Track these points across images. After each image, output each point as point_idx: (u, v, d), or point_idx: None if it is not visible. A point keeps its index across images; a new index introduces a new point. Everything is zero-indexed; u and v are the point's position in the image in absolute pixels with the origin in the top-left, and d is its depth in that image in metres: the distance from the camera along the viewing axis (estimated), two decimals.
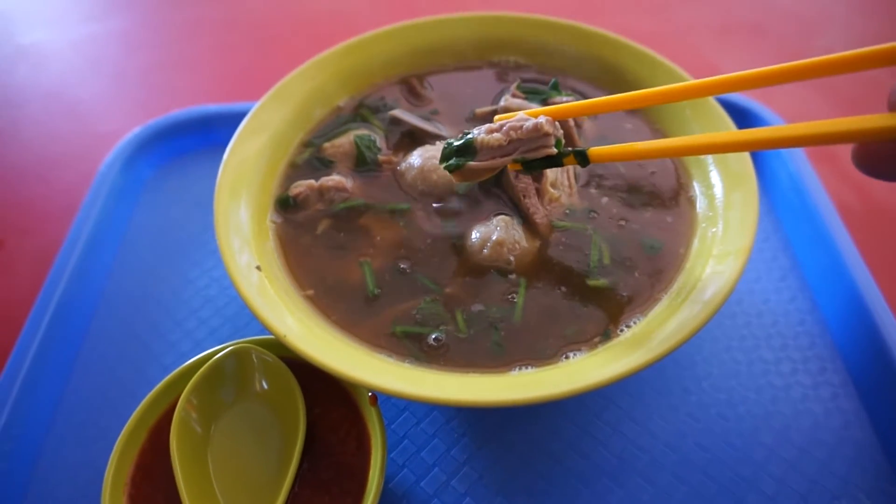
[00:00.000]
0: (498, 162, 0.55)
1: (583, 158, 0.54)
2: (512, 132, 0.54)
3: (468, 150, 0.55)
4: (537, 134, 0.53)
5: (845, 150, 0.90)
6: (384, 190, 0.63)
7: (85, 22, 1.19)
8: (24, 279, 0.74)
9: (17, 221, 0.84)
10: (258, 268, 0.54)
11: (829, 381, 0.61)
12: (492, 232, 0.57)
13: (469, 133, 0.56)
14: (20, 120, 1.00)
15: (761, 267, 0.71)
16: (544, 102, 0.69)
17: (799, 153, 0.77)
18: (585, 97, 0.71)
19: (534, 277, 0.55)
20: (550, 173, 0.60)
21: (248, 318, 0.68)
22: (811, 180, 0.74)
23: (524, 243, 0.56)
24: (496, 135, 0.55)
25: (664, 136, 0.67)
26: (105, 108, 1.01)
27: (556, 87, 0.71)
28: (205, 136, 0.85)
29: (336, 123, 0.70)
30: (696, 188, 0.61)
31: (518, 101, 0.69)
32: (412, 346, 0.51)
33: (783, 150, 0.78)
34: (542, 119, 0.54)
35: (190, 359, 0.55)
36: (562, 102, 0.68)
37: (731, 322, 0.66)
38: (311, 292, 0.55)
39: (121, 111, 1.00)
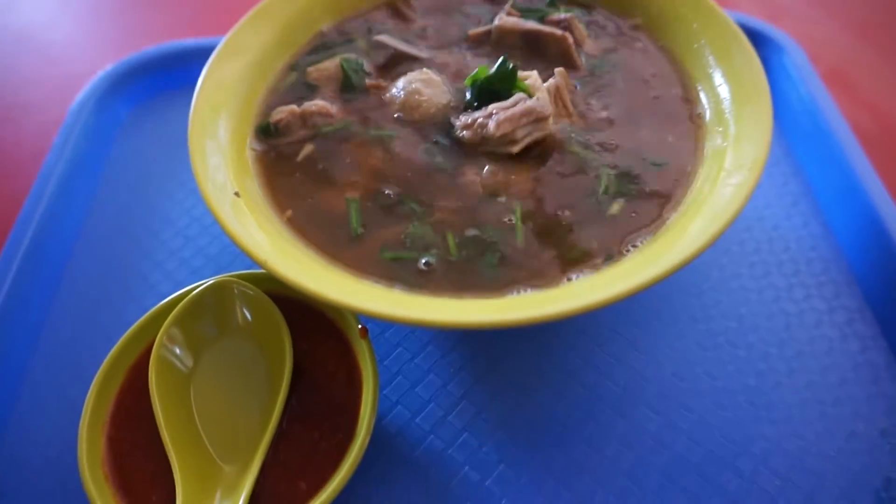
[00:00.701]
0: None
1: None
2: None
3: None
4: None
5: (858, 72, 0.85)
6: (371, 116, 0.58)
7: None
8: None
9: None
10: (237, 194, 0.50)
11: (844, 306, 0.58)
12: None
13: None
14: None
15: (771, 193, 0.67)
16: (541, 20, 0.64)
17: (811, 75, 0.73)
18: (587, 10, 0.67)
19: (531, 199, 0.51)
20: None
21: (231, 257, 0.65)
22: (825, 102, 0.70)
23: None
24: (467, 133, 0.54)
25: (670, 53, 0.63)
26: (78, 48, 0.96)
27: (553, 4, 0.66)
28: (182, 72, 0.80)
29: (322, 47, 0.65)
30: (704, 101, 0.57)
31: (513, 20, 0.64)
32: (402, 271, 0.47)
33: (794, 73, 0.74)
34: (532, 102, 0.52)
35: None
36: (561, 19, 0.64)
37: (739, 249, 0.63)
38: (290, 213, 0.51)
39: (94, 51, 0.95)
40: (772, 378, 0.54)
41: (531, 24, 0.63)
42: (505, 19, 0.64)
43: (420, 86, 0.58)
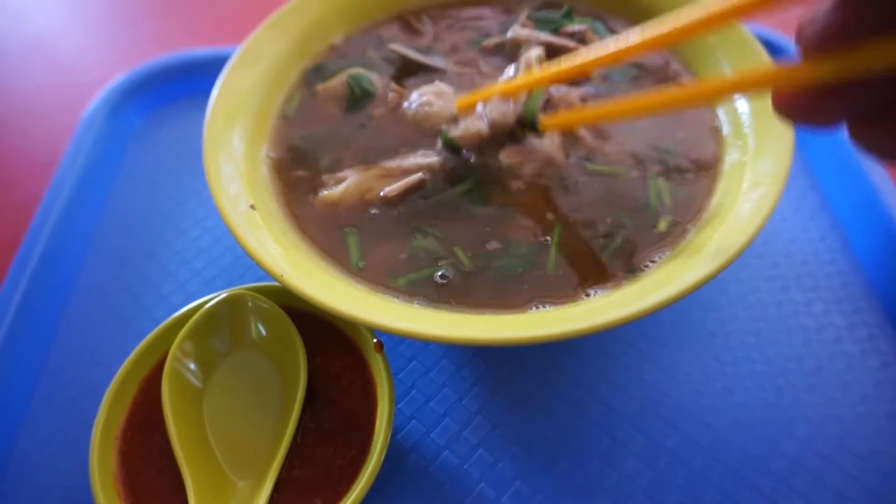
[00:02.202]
0: None
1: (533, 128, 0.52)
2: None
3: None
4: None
5: None
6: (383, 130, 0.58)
7: None
8: (5, 234, 0.70)
9: None
10: (252, 206, 0.50)
11: (864, 321, 0.57)
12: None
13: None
14: (0, 72, 0.95)
15: (788, 206, 0.67)
16: (556, 32, 0.64)
17: None
18: (601, 24, 0.66)
19: (558, 217, 0.51)
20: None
21: (243, 268, 0.64)
22: None
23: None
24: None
25: (685, 65, 0.62)
26: (89, 57, 0.96)
27: (569, 15, 0.65)
28: (195, 81, 0.80)
29: (333, 59, 0.65)
30: (721, 115, 0.56)
31: (527, 32, 0.64)
32: (420, 288, 0.47)
33: None
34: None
35: None
36: (575, 31, 0.64)
37: (757, 263, 0.62)
38: (318, 230, 0.51)
39: (106, 60, 0.95)
40: (791, 394, 0.53)
41: (545, 37, 0.63)
42: (519, 31, 0.64)
43: (432, 98, 0.58)
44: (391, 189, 0.52)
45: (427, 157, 0.54)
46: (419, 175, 0.53)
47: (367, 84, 0.61)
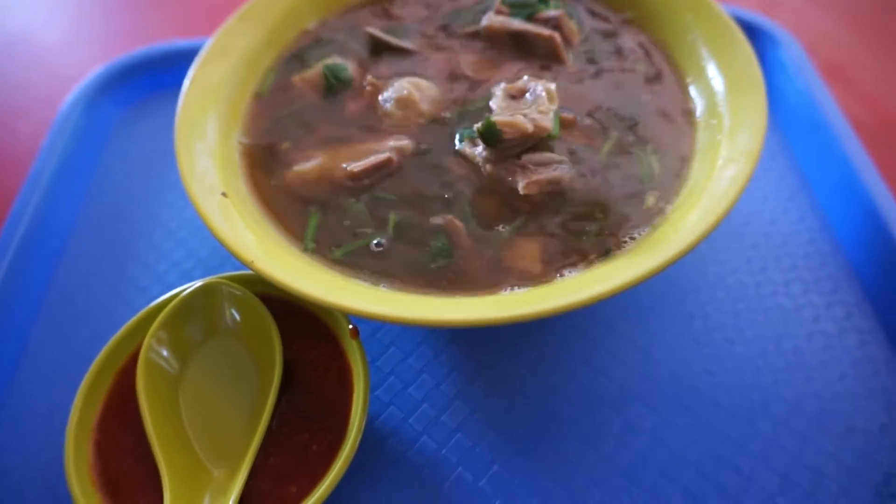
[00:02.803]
0: None
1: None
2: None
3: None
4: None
5: (855, 65, 0.85)
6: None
7: None
8: None
9: None
10: (224, 194, 0.50)
11: (842, 301, 0.57)
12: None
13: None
14: None
15: (767, 187, 0.67)
16: (530, 17, 0.63)
17: (807, 68, 0.72)
18: (580, 5, 0.66)
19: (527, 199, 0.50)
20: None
21: (221, 258, 0.64)
22: (821, 94, 0.69)
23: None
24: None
25: (664, 47, 0.62)
26: (70, 51, 0.96)
27: (544, 0, 0.65)
28: (173, 73, 0.78)
29: (307, 48, 0.65)
30: (696, 94, 0.56)
31: (501, 20, 0.63)
32: (357, 258, 0.48)
33: (790, 66, 0.73)
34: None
35: None
36: (550, 16, 0.63)
37: (736, 244, 0.62)
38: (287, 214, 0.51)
39: (87, 53, 0.94)
40: (769, 374, 0.53)
41: (518, 24, 0.62)
42: (493, 19, 0.63)
43: (411, 90, 0.57)
44: (357, 165, 0.52)
45: (398, 140, 0.54)
46: (386, 154, 0.52)
47: (344, 73, 0.61)
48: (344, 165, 0.52)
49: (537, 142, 0.51)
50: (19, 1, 1.06)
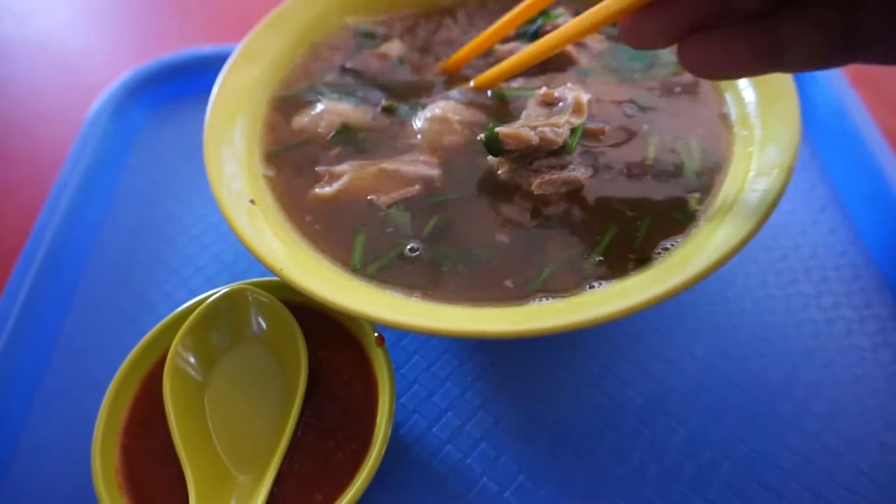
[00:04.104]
0: None
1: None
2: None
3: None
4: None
5: (887, 73, 0.83)
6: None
7: None
8: (12, 234, 0.71)
9: (4, 177, 0.80)
10: (252, 201, 0.50)
11: (876, 315, 0.56)
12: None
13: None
14: (6, 75, 0.96)
15: (798, 198, 0.66)
16: (536, 34, 0.63)
17: (837, 77, 0.71)
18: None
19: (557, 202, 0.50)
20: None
21: (246, 264, 0.64)
22: (852, 104, 0.68)
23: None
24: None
25: None
26: (94, 58, 0.97)
27: (545, 14, 0.64)
28: (199, 79, 0.80)
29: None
30: (729, 103, 0.55)
31: (508, 48, 0.63)
32: (417, 278, 0.47)
33: (819, 73, 0.72)
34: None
35: None
36: (557, 25, 0.62)
37: (765, 256, 0.61)
38: (316, 226, 0.51)
39: (111, 60, 0.96)
40: (800, 389, 0.52)
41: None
42: (500, 50, 0.62)
43: (439, 121, 0.56)
44: (385, 199, 0.51)
45: (430, 168, 0.53)
46: (416, 188, 0.52)
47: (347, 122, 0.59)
48: (370, 197, 0.52)
49: (553, 150, 0.51)
50: (42, 7, 1.08)
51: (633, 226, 0.48)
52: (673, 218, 0.48)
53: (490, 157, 0.52)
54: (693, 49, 0.38)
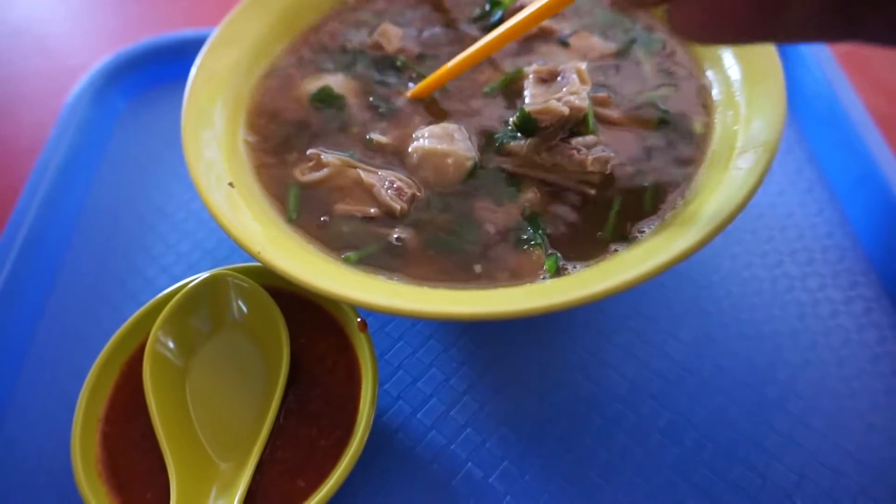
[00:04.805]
0: None
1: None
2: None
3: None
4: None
5: (876, 54, 0.82)
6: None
7: None
8: None
9: None
10: (230, 184, 0.49)
11: (861, 296, 0.56)
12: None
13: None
14: None
15: (784, 179, 0.65)
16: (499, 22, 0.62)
17: (826, 58, 0.71)
18: None
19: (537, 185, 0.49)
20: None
21: (228, 250, 0.64)
22: (840, 85, 0.67)
23: None
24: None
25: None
26: (75, 41, 0.95)
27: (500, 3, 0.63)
28: (181, 63, 0.77)
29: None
30: (714, 82, 0.55)
31: None
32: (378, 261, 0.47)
33: (807, 54, 0.71)
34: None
35: None
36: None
37: (751, 237, 0.60)
38: (292, 217, 0.50)
39: (93, 43, 0.94)
40: (785, 370, 0.52)
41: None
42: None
43: (436, 140, 0.52)
44: (346, 210, 0.50)
45: (408, 189, 0.50)
46: (372, 211, 0.50)
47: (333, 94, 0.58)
48: (344, 206, 0.50)
49: (576, 124, 0.51)
50: None
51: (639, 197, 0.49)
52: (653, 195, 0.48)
53: (507, 143, 0.52)
54: (684, 7, 0.35)
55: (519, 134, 0.51)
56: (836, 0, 0.32)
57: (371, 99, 0.57)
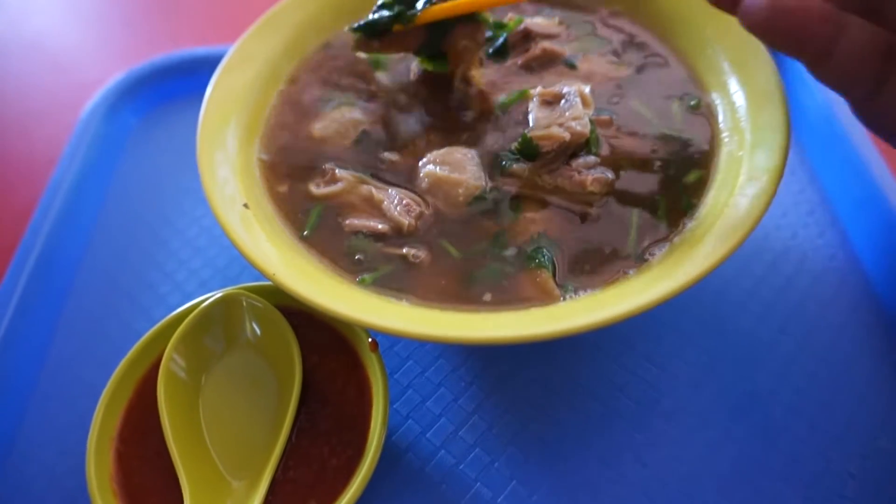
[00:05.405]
0: None
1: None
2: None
3: None
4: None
5: None
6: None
7: None
8: (4, 236, 0.71)
9: None
10: (245, 205, 0.50)
11: (862, 320, 0.57)
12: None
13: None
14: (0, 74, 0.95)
15: (787, 201, 0.66)
16: (506, 47, 0.64)
17: None
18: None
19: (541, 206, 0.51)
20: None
21: (239, 268, 0.64)
22: (841, 107, 0.68)
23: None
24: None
25: (684, 58, 0.61)
26: (88, 57, 0.96)
27: (501, 26, 0.64)
28: (192, 80, 0.80)
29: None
30: (719, 107, 0.56)
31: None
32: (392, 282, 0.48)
33: (809, 78, 0.72)
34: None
35: None
36: (521, 30, 0.64)
37: (756, 259, 0.61)
38: (305, 233, 0.51)
39: (104, 59, 0.95)
40: (788, 392, 0.53)
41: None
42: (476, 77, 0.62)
43: (448, 171, 0.53)
44: (354, 226, 0.51)
45: (417, 206, 0.51)
46: (380, 227, 0.51)
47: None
48: (346, 221, 0.52)
49: (578, 147, 0.52)
50: (36, 6, 1.07)
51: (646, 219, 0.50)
52: (662, 224, 0.49)
53: (508, 166, 0.53)
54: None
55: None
56: None
57: (384, 118, 0.58)
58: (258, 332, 0.51)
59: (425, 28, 0.56)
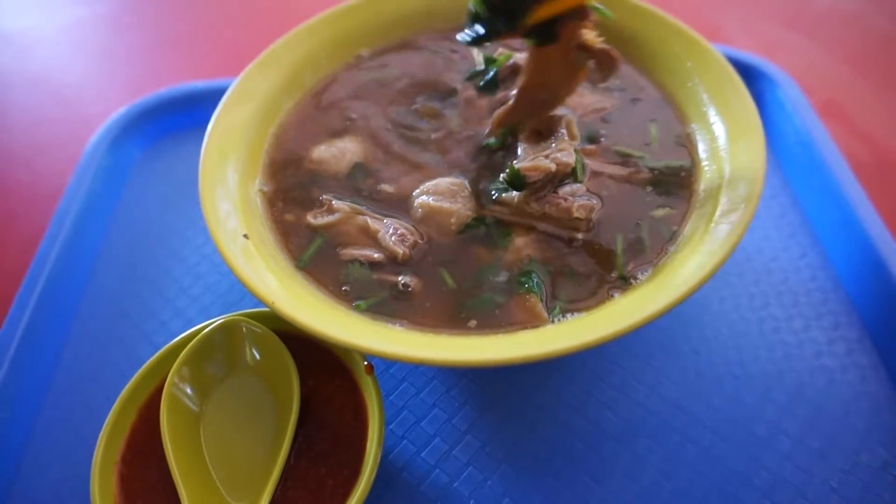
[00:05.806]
0: None
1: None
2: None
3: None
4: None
5: (853, 104, 0.87)
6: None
7: (69, 6, 1.17)
8: (11, 265, 0.73)
9: (2, 208, 0.82)
10: (245, 236, 0.52)
11: (844, 337, 0.59)
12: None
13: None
14: (5, 106, 0.98)
15: (769, 224, 0.69)
16: (496, 80, 0.65)
17: (806, 108, 0.75)
18: None
19: (530, 235, 0.53)
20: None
21: (239, 294, 0.66)
22: (819, 134, 0.71)
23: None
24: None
25: (666, 90, 0.64)
26: (91, 90, 0.99)
27: (492, 61, 0.67)
28: (193, 113, 0.83)
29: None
30: (699, 138, 0.58)
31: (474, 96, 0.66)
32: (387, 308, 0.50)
33: (788, 106, 0.75)
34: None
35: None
36: (511, 65, 0.65)
37: (739, 280, 0.63)
38: (303, 262, 0.53)
39: (108, 93, 0.98)
40: (773, 410, 0.55)
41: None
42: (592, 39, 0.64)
43: (440, 199, 0.55)
44: (350, 254, 0.53)
45: (411, 236, 0.54)
46: (376, 256, 0.53)
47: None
48: (351, 251, 0.54)
49: (564, 176, 0.54)
50: (41, 40, 1.10)
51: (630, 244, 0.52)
52: (643, 241, 0.52)
53: (498, 196, 0.56)
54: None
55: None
56: None
57: (378, 150, 0.61)
58: (258, 356, 0.53)
59: None
